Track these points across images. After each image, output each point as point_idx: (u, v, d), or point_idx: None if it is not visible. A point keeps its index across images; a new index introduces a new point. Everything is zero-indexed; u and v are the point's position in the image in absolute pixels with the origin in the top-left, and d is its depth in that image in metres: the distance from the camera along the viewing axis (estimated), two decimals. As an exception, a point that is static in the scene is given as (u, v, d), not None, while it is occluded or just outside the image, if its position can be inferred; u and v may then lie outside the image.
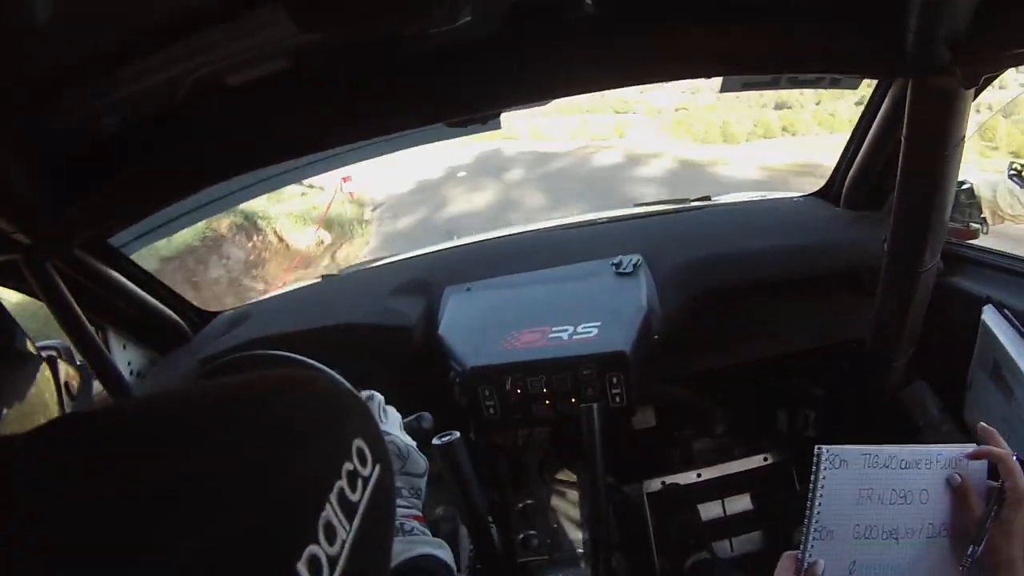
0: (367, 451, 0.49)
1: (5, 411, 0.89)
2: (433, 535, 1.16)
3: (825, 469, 0.91)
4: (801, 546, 0.92)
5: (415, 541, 1.04)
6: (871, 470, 0.92)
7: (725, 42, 1.30)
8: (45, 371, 0.99)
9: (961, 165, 1.46)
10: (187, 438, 0.41)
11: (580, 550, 1.87)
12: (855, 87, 1.59)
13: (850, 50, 1.30)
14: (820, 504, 0.91)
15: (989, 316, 1.64)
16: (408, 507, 1.13)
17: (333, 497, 0.44)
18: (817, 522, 0.91)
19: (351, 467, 0.47)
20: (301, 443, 0.45)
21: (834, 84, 1.54)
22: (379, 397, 1.22)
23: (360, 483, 0.48)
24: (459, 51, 1.27)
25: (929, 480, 0.94)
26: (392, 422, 1.22)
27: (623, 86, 1.51)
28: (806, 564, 0.91)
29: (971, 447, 0.96)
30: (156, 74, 1.13)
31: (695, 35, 1.28)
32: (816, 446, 0.92)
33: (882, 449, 0.93)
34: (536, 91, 1.45)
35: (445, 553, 1.05)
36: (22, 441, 0.39)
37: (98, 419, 0.43)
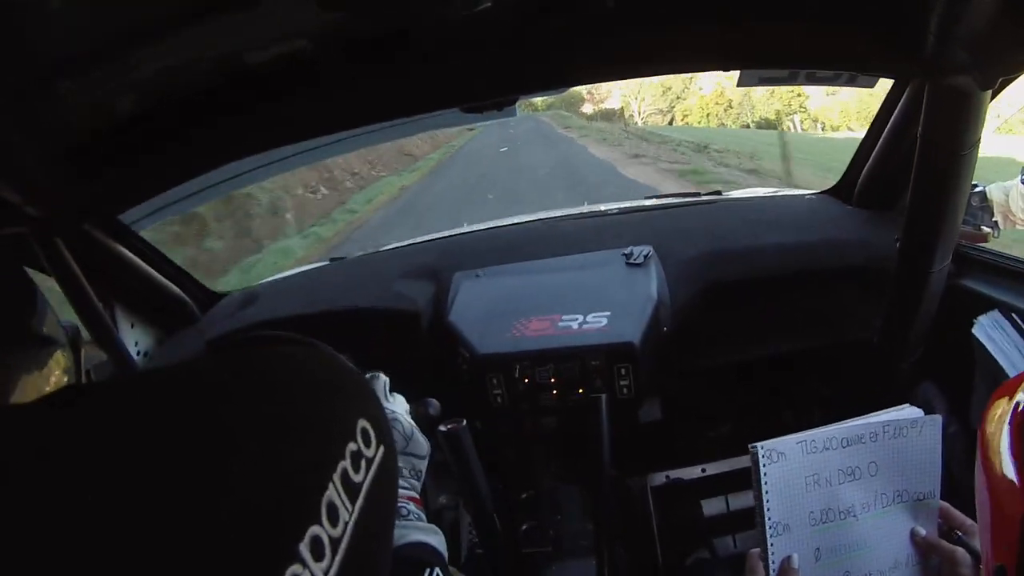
0: (371, 432, 0.49)
1: (15, 395, 0.88)
2: (435, 524, 1.17)
3: (764, 466, 0.91)
4: (760, 546, 0.92)
5: (408, 526, 1.03)
6: (811, 456, 0.92)
7: (743, 37, 1.30)
8: (63, 354, 0.99)
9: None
10: (187, 416, 0.41)
11: (583, 542, 1.87)
12: (872, 85, 1.58)
13: (868, 48, 1.29)
14: (768, 501, 0.91)
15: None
16: (407, 488, 1.13)
17: (336, 477, 0.44)
18: (770, 519, 0.91)
19: (355, 447, 0.47)
20: (305, 422, 0.45)
21: (851, 82, 1.54)
22: (384, 378, 1.22)
23: (364, 464, 0.47)
24: (477, 38, 1.27)
25: (875, 452, 0.94)
26: (398, 402, 1.22)
27: (638, 76, 1.50)
28: (773, 563, 0.91)
29: (913, 411, 0.97)
30: (172, 55, 1.13)
31: (713, 29, 1.28)
32: (750, 444, 0.92)
33: (819, 433, 0.93)
34: (553, 79, 1.45)
35: (438, 540, 1.04)
36: (19, 412, 0.39)
37: (97, 393, 0.43)
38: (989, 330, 1.65)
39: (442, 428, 1.46)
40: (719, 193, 2.56)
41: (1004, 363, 1.58)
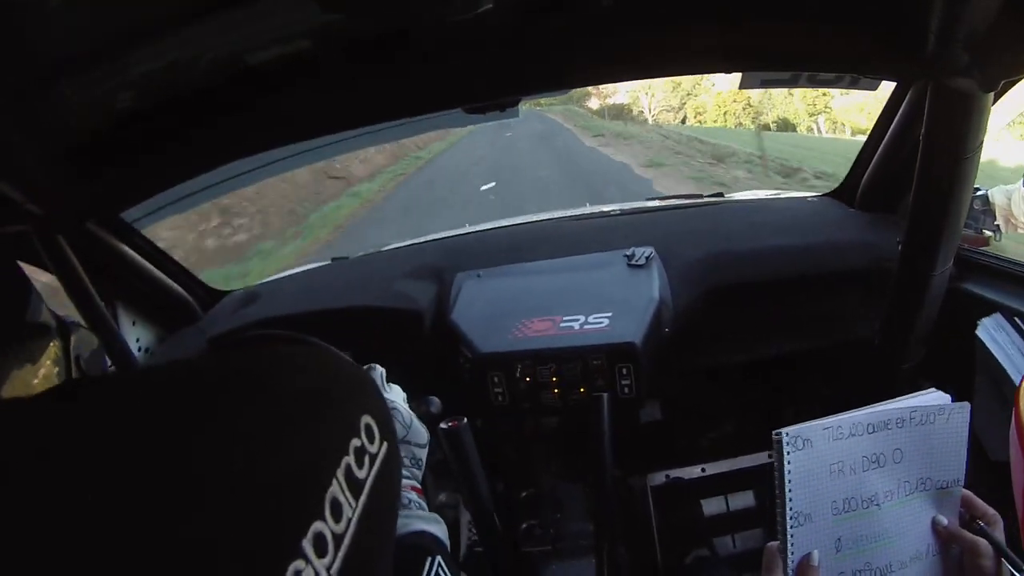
0: (375, 428, 0.49)
1: (7, 385, 0.89)
2: None
3: (789, 453, 0.86)
4: (780, 538, 0.88)
5: (410, 515, 1.04)
6: (837, 443, 0.88)
7: (743, 38, 1.30)
8: (55, 344, 0.99)
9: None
10: (191, 413, 0.41)
11: (583, 541, 1.87)
12: (874, 88, 1.57)
13: (870, 50, 1.29)
14: (791, 490, 0.86)
15: (983, 332, 1.66)
16: (408, 477, 1.13)
17: (340, 473, 0.44)
18: (791, 509, 0.87)
19: (359, 444, 0.47)
20: (308, 419, 0.45)
21: (853, 84, 1.53)
22: (380, 369, 1.23)
23: (367, 460, 0.47)
24: (477, 38, 1.27)
25: (901, 438, 0.90)
26: (395, 392, 1.23)
27: (640, 78, 1.50)
28: (793, 555, 0.87)
29: (941, 396, 0.93)
30: (172, 54, 1.13)
31: (713, 30, 1.28)
32: (774, 431, 0.87)
33: (845, 418, 0.89)
34: (553, 79, 1.45)
35: (440, 529, 1.05)
36: (20, 409, 0.39)
37: (98, 390, 0.43)
38: (993, 332, 1.65)
39: (443, 426, 1.46)
40: (722, 195, 2.56)
41: (1007, 365, 1.58)
